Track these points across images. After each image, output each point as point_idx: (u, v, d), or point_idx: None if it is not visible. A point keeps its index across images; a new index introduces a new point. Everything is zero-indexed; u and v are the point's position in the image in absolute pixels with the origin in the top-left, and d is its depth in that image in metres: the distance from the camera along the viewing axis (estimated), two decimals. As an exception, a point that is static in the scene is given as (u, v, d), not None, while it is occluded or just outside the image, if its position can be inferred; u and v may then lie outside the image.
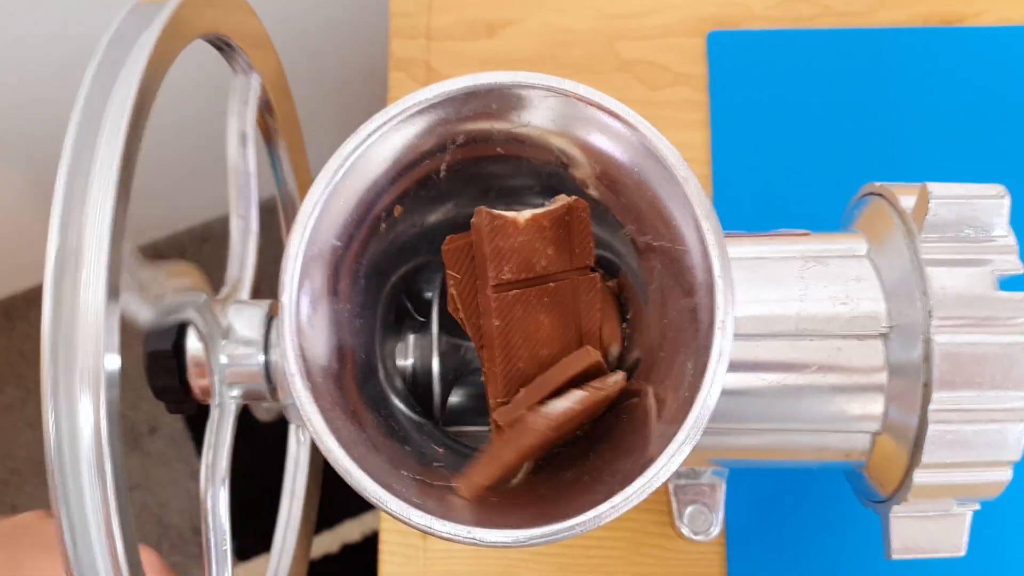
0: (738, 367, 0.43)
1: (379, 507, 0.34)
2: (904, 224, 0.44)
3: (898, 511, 0.44)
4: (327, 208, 0.37)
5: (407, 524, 0.34)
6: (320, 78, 1.00)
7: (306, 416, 0.35)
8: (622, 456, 0.37)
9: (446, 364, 0.45)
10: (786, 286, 0.44)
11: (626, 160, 0.38)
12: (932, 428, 0.41)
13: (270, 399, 0.46)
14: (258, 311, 0.45)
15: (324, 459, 0.64)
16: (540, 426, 0.37)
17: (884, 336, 0.43)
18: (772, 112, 0.65)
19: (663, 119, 0.65)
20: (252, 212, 0.50)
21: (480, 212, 0.39)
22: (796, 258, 0.45)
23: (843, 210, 0.51)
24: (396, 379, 0.45)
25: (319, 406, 0.35)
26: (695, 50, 0.67)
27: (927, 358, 0.41)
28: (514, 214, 0.39)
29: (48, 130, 0.85)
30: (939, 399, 0.41)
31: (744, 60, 0.66)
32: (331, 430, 0.35)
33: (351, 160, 0.37)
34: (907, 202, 0.44)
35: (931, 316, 0.41)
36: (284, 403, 0.45)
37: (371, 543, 1.20)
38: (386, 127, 0.38)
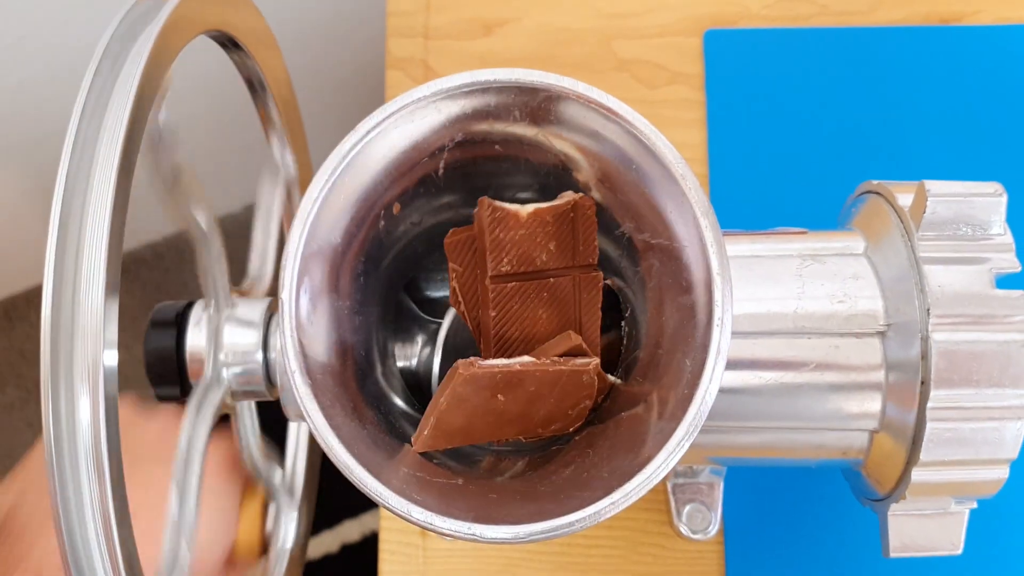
0: (736, 365, 0.43)
1: (379, 503, 0.34)
2: (902, 222, 0.44)
3: (896, 509, 0.44)
4: (326, 205, 0.37)
5: (407, 520, 0.34)
6: (318, 77, 1.00)
7: (306, 412, 0.35)
8: (621, 453, 0.37)
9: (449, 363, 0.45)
10: (784, 284, 0.44)
11: (624, 158, 0.38)
12: (930, 426, 0.41)
13: (269, 397, 0.46)
14: (257, 309, 0.46)
15: (321, 460, 0.64)
16: (463, 370, 0.37)
17: (882, 334, 0.43)
18: (769, 111, 0.65)
19: (660, 118, 0.65)
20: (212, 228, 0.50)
21: (482, 203, 0.39)
22: (794, 256, 0.45)
23: (840, 208, 0.51)
24: (395, 376, 0.45)
25: (319, 403, 0.35)
26: (692, 49, 0.68)
27: (925, 356, 0.41)
28: (517, 207, 0.40)
29: (48, 130, 0.85)
30: (937, 397, 0.41)
31: (741, 59, 0.67)
32: (331, 427, 0.35)
33: (350, 157, 0.37)
34: (904, 200, 0.44)
35: (929, 314, 0.41)
36: (283, 400, 0.45)
37: (371, 543, 1.20)
38: (384, 124, 0.38)
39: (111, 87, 0.36)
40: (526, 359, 0.38)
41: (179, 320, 0.45)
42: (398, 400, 0.44)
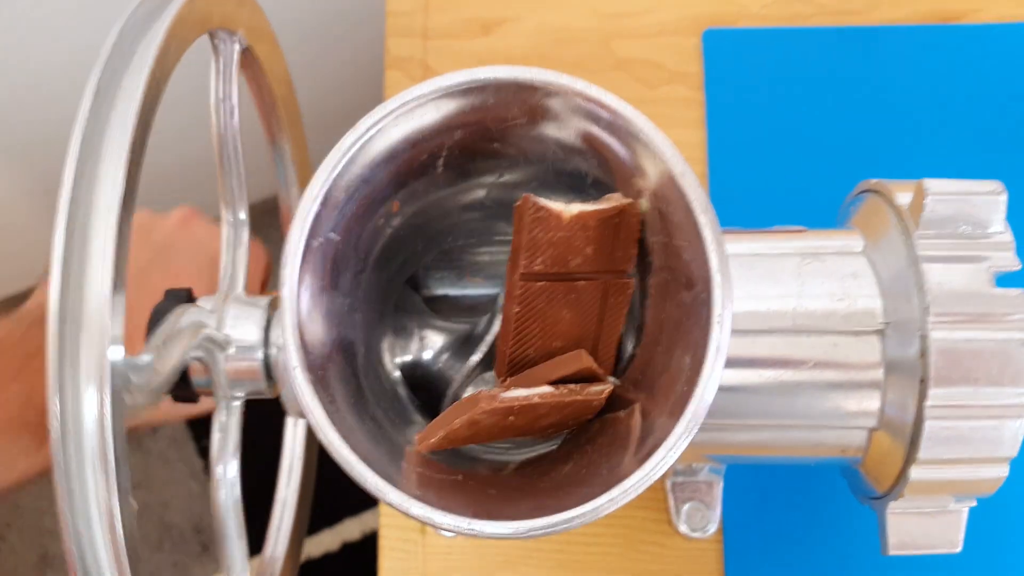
0: (735, 363, 0.43)
1: (379, 499, 0.34)
2: (900, 221, 0.44)
3: (894, 507, 0.44)
4: (327, 203, 0.37)
5: (407, 515, 0.34)
6: (317, 77, 1.00)
7: (307, 408, 0.35)
8: (620, 450, 0.37)
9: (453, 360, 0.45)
10: (783, 282, 0.44)
11: (623, 156, 0.39)
12: (928, 424, 0.41)
13: (269, 394, 0.46)
14: (257, 308, 0.46)
15: (318, 459, 0.65)
16: (485, 405, 0.37)
17: (880, 332, 0.43)
18: (768, 110, 0.66)
19: (659, 117, 0.64)
20: (242, 202, 0.50)
21: (526, 200, 0.38)
22: (793, 255, 0.45)
23: (839, 207, 0.51)
24: (396, 372, 0.45)
25: (320, 399, 0.35)
26: (691, 48, 0.68)
27: (923, 354, 0.41)
28: (561, 207, 0.39)
29: (50, 130, 0.85)
30: (935, 395, 0.41)
31: (740, 58, 0.67)
32: (332, 422, 0.35)
33: (350, 155, 0.37)
34: (903, 199, 0.44)
35: (927, 312, 0.41)
36: (283, 398, 0.45)
37: (371, 541, 1.20)
38: (384, 122, 0.38)
39: (119, 83, 0.36)
40: (545, 390, 0.38)
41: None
42: (400, 396, 0.44)
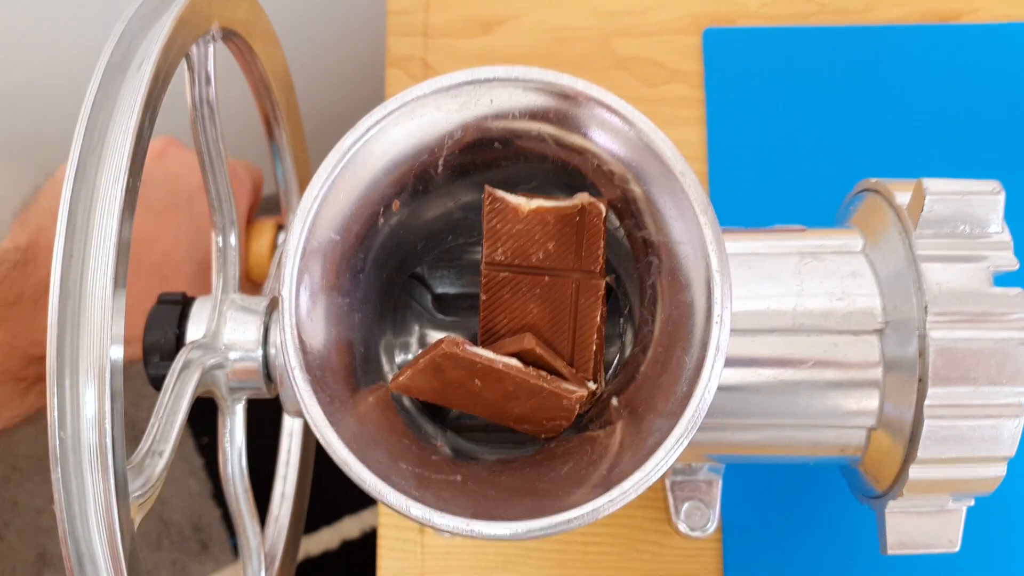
0: (735, 362, 0.43)
1: (378, 499, 0.34)
2: (899, 220, 0.44)
3: (893, 507, 0.44)
4: (326, 202, 0.37)
5: (406, 517, 0.34)
6: (318, 75, 0.99)
7: (306, 409, 0.35)
8: (619, 450, 0.37)
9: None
10: (783, 282, 0.44)
11: (623, 154, 0.38)
12: (927, 424, 0.41)
13: (267, 394, 0.46)
14: (256, 307, 0.46)
15: (318, 457, 0.65)
16: (448, 348, 0.38)
17: (880, 332, 0.43)
18: (768, 109, 0.66)
19: (659, 116, 0.64)
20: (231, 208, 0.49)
21: (488, 191, 0.40)
22: (792, 254, 0.45)
23: (838, 206, 0.51)
24: (395, 372, 0.45)
25: (319, 399, 0.35)
26: (691, 47, 0.68)
27: (922, 354, 0.41)
28: (520, 201, 0.40)
29: (52, 128, 0.85)
30: (934, 395, 0.41)
31: (740, 57, 0.67)
32: (331, 423, 0.35)
33: (350, 155, 0.37)
34: (902, 198, 0.44)
35: (926, 312, 0.41)
36: (282, 397, 0.45)
37: (370, 540, 1.20)
38: (384, 121, 0.38)
39: (122, 82, 0.36)
40: (512, 361, 0.39)
41: (179, 316, 0.45)
42: (398, 397, 0.44)
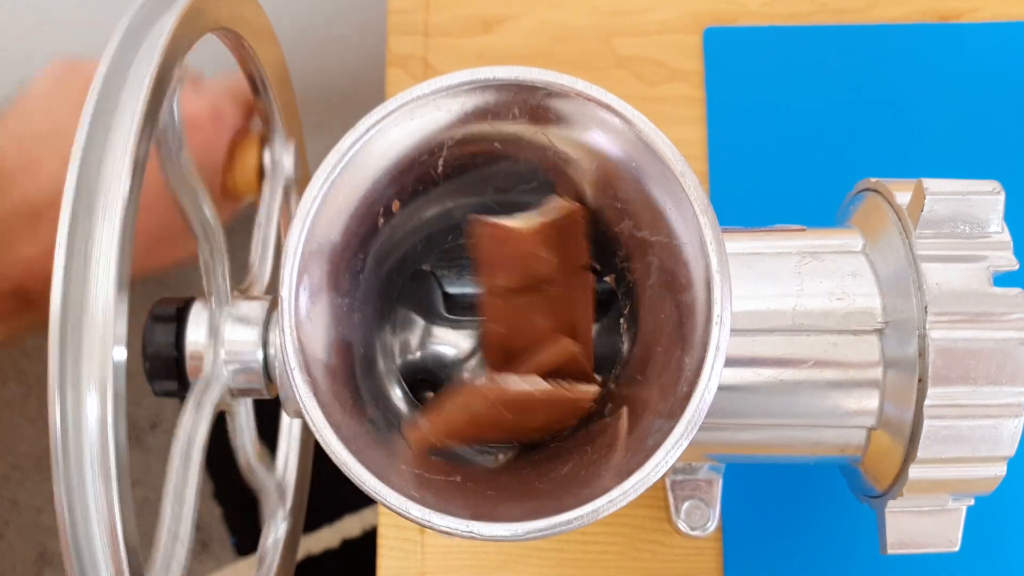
0: (735, 362, 0.43)
1: (377, 501, 0.34)
2: (899, 220, 0.44)
3: (893, 506, 0.44)
4: (326, 203, 0.37)
5: (406, 517, 0.34)
6: (318, 74, 0.99)
7: (305, 410, 0.35)
8: (619, 451, 0.37)
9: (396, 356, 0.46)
10: (783, 281, 0.44)
11: (623, 155, 0.38)
12: (927, 423, 0.41)
13: (267, 394, 0.46)
14: (256, 307, 0.46)
15: (318, 455, 0.64)
16: (484, 390, 0.37)
17: (879, 332, 0.43)
18: (769, 108, 0.66)
19: (660, 115, 0.64)
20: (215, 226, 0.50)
21: (475, 221, 0.39)
22: (792, 254, 0.45)
23: (839, 205, 0.51)
24: (395, 373, 0.45)
25: (318, 400, 0.35)
26: (692, 46, 0.68)
27: (922, 353, 0.41)
28: (511, 221, 0.39)
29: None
30: (934, 394, 0.41)
31: (741, 56, 0.67)
32: (330, 424, 0.35)
33: (350, 155, 0.37)
34: (902, 198, 0.44)
35: (926, 312, 0.41)
36: (281, 397, 0.45)
37: (371, 538, 1.20)
38: (384, 122, 0.38)
39: (123, 82, 0.36)
40: (543, 384, 0.38)
41: (179, 317, 0.45)
42: (397, 396, 0.44)
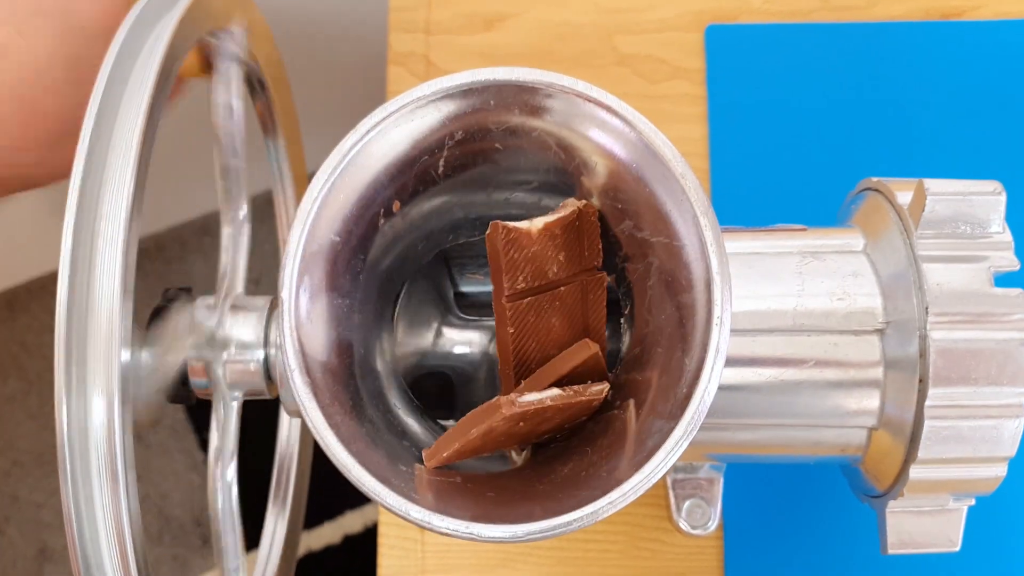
0: (735, 362, 0.43)
1: (377, 502, 0.34)
2: (901, 220, 0.44)
3: (894, 506, 0.44)
4: (326, 204, 0.37)
5: (406, 519, 0.34)
6: (319, 72, 1.00)
7: (305, 411, 0.35)
8: (619, 452, 0.37)
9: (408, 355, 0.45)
10: (783, 281, 0.44)
11: (624, 156, 0.38)
12: (928, 424, 0.41)
13: (268, 395, 0.46)
14: (257, 308, 0.46)
15: (319, 452, 0.65)
16: (508, 411, 0.37)
17: (880, 332, 0.43)
18: (770, 106, 0.65)
19: (661, 113, 0.65)
20: (242, 202, 0.49)
21: (495, 226, 0.39)
22: (793, 253, 0.45)
23: (840, 205, 0.51)
24: (395, 373, 0.45)
25: (318, 401, 0.35)
26: (693, 44, 0.67)
27: (923, 354, 0.41)
28: (527, 224, 0.39)
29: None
30: (935, 395, 0.41)
31: (742, 54, 0.67)
32: (330, 425, 0.35)
33: (350, 156, 0.37)
34: (904, 198, 0.44)
35: (927, 312, 0.41)
36: (282, 397, 0.45)
37: (372, 534, 1.20)
38: (385, 123, 0.38)
39: (124, 88, 0.36)
40: (555, 392, 0.39)
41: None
42: (397, 397, 0.44)
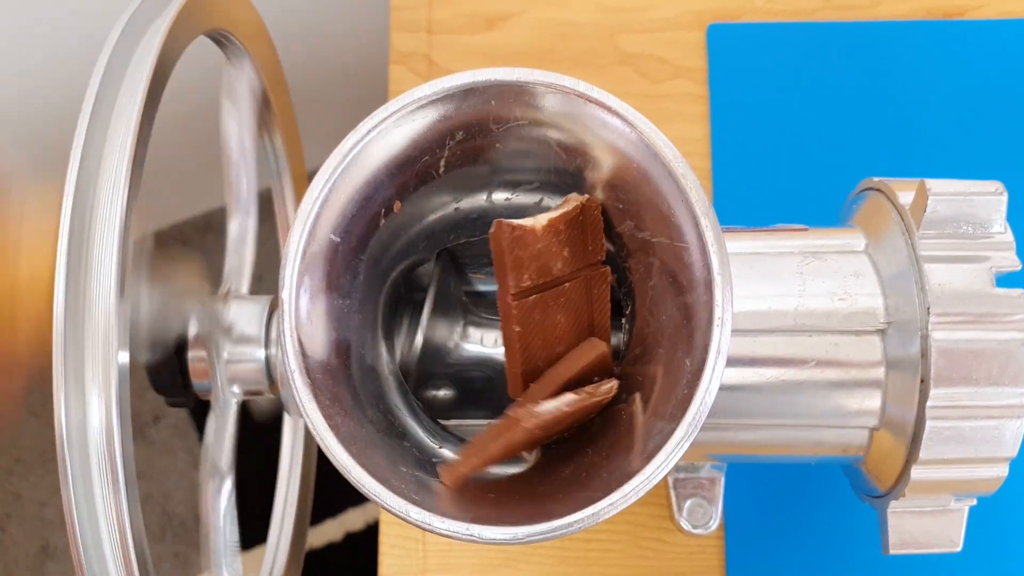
0: (736, 362, 0.43)
1: (377, 503, 0.34)
2: (902, 220, 0.44)
3: (895, 506, 0.44)
4: (327, 205, 0.37)
5: (406, 520, 0.34)
6: (321, 72, 1.00)
7: (305, 412, 0.35)
8: (621, 453, 0.37)
9: (430, 356, 0.45)
10: (785, 282, 0.44)
11: (625, 156, 0.38)
12: (929, 424, 0.41)
13: (269, 394, 0.46)
14: (258, 307, 0.46)
15: (320, 451, 0.65)
16: (529, 424, 0.37)
17: (882, 332, 0.43)
18: (772, 106, 0.65)
19: (663, 112, 0.64)
20: (252, 206, 0.50)
21: (500, 224, 0.39)
22: (794, 253, 0.45)
23: (841, 204, 0.51)
24: (395, 374, 0.45)
25: (318, 402, 0.35)
26: (695, 43, 0.67)
27: (925, 354, 0.41)
28: (532, 222, 0.39)
29: (53, 120, 0.85)
30: (936, 395, 0.41)
31: (744, 53, 0.66)
32: (330, 426, 0.35)
33: (351, 156, 0.37)
34: (905, 198, 0.44)
35: (929, 312, 0.41)
36: (283, 397, 0.45)
37: (374, 532, 1.20)
38: (385, 123, 0.38)
39: (119, 87, 0.36)
40: (571, 397, 0.39)
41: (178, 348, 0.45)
42: (397, 397, 0.44)
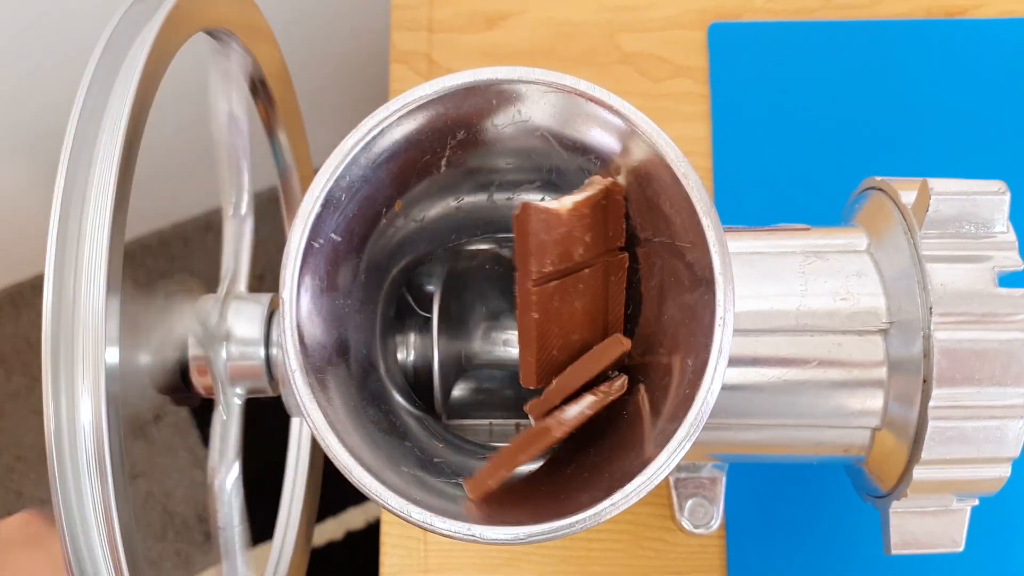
0: (738, 362, 0.43)
1: (378, 504, 0.34)
2: (904, 219, 0.44)
3: (897, 506, 0.44)
4: (328, 204, 0.37)
5: (407, 520, 0.34)
6: (321, 70, 0.99)
7: (306, 412, 0.35)
8: (622, 453, 0.37)
9: (447, 359, 0.45)
10: (786, 281, 0.44)
11: (626, 156, 0.38)
12: (932, 424, 0.41)
13: (271, 393, 0.46)
14: (258, 307, 0.46)
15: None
16: (559, 433, 0.37)
17: (884, 332, 0.43)
18: (773, 105, 0.65)
19: (664, 112, 0.64)
20: (244, 199, 0.49)
21: (526, 207, 0.37)
22: (796, 253, 0.45)
23: (843, 204, 0.50)
24: (396, 374, 0.45)
25: (319, 402, 0.35)
26: (696, 42, 0.67)
27: (927, 354, 0.41)
28: (557, 205, 0.38)
29: (52, 119, 0.85)
30: (939, 395, 0.41)
31: (745, 53, 0.66)
32: (331, 426, 0.35)
33: (352, 155, 0.37)
34: (907, 197, 0.44)
35: (931, 312, 0.41)
36: (284, 397, 0.45)
37: (375, 530, 1.21)
38: (386, 123, 0.38)
39: (111, 84, 0.36)
40: (591, 399, 0.38)
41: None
42: (399, 397, 0.44)
